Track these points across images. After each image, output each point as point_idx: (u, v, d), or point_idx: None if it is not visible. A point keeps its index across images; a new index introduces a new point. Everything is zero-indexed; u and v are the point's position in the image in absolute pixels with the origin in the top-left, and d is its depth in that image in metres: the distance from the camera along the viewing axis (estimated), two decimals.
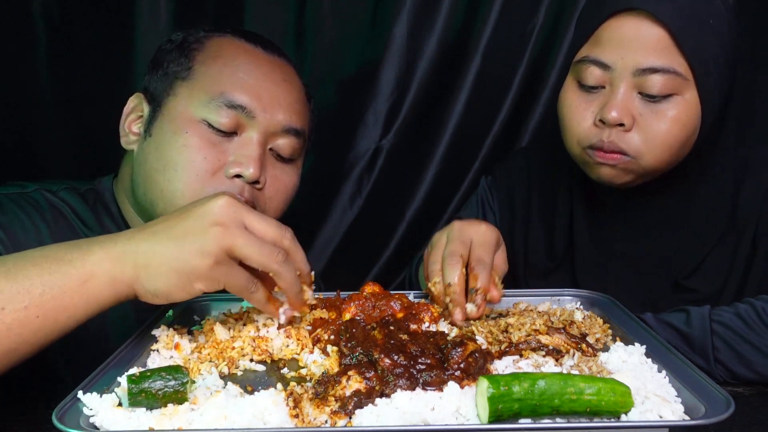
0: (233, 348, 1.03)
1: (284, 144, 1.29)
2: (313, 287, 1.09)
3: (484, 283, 1.12)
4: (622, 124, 1.24)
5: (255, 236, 0.95)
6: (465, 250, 1.16)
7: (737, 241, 1.36)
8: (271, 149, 1.28)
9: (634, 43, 1.23)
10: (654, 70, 1.22)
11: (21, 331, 0.88)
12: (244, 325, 1.09)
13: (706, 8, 1.23)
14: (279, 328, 1.07)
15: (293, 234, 1.01)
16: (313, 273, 1.08)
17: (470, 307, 1.12)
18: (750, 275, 1.36)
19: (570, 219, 1.48)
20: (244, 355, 1.02)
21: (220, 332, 1.06)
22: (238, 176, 1.22)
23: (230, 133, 1.24)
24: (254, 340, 1.04)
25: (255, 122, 1.24)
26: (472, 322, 1.12)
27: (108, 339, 1.24)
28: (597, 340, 1.08)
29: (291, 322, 1.08)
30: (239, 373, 1.00)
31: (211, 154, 1.22)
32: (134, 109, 1.32)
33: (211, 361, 1.00)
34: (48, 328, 0.90)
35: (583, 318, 1.16)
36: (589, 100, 1.30)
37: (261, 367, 1.01)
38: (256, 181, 1.24)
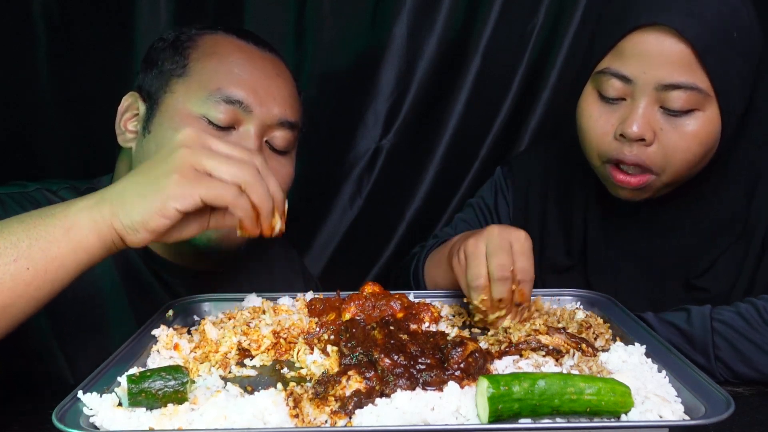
0: (217, 351, 1.03)
1: (279, 136, 1.31)
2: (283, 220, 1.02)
3: (527, 297, 1.11)
4: (642, 139, 1.23)
5: (222, 154, 0.94)
6: (511, 262, 1.12)
7: (748, 241, 1.36)
8: (266, 142, 1.31)
9: (657, 59, 1.20)
10: (676, 87, 1.20)
11: (14, 285, 0.90)
12: (233, 327, 1.09)
13: (732, 21, 1.21)
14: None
15: (264, 160, 0.98)
16: (286, 203, 1.01)
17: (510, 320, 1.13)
18: (758, 274, 1.35)
19: (585, 219, 1.47)
20: (237, 363, 1.02)
21: (211, 332, 1.06)
22: None
23: (228, 128, 1.26)
24: (239, 345, 1.05)
25: (252, 116, 1.26)
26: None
27: (108, 339, 1.25)
28: (599, 339, 1.08)
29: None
30: (238, 373, 1.00)
31: None
32: (129, 108, 1.34)
33: (203, 363, 1.00)
34: (40, 279, 0.91)
35: (585, 317, 1.16)
36: (609, 111, 1.28)
37: (253, 372, 1.01)
38: None
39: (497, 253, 1.12)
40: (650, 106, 1.23)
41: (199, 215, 0.95)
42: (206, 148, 0.94)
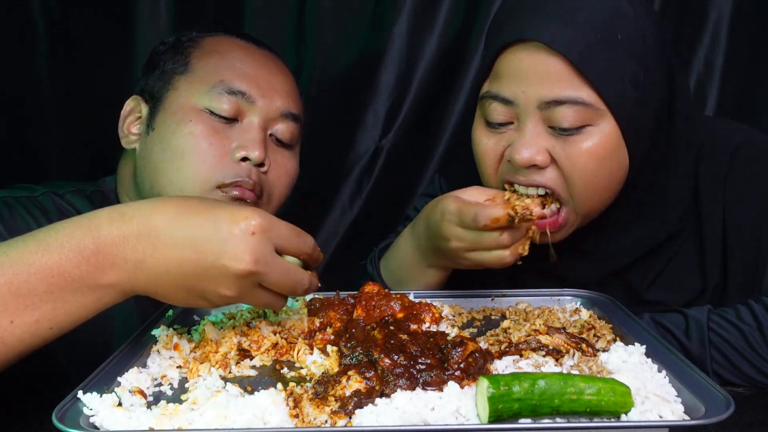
0: (217, 352, 1.03)
1: (283, 129, 1.33)
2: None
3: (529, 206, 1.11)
4: (535, 165, 1.14)
5: (279, 267, 0.94)
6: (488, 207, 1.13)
7: (700, 249, 1.27)
8: (271, 135, 1.32)
9: (534, 76, 1.11)
10: (559, 102, 1.10)
11: (32, 341, 0.89)
12: (233, 327, 1.09)
13: (612, 22, 1.09)
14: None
15: (314, 242, 1.05)
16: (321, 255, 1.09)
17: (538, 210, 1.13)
18: (728, 274, 1.26)
19: None
20: (237, 363, 1.02)
21: (211, 332, 1.07)
22: (244, 159, 1.26)
23: (232, 120, 1.27)
24: (239, 346, 1.05)
25: (255, 107, 1.28)
26: None
27: (109, 339, 1.25)
28: (600, 341, 1.08)
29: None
30: (238, 373, 1.00)
31: (216, 140, 1.25)
32: (132, 111, 1.35)
33: (203, 363, 1.00)
34: (59, 333, 0.91)
35: (589, 318, 1.16)
36: (498, 139, 1.19)
37: (253, 372, 1.01)
38: (261, 164, 1.28)
39: (466, 215, 1.13)
40: (537, 127, 1.13)
41: None
42: (266, 262, 0.92)
